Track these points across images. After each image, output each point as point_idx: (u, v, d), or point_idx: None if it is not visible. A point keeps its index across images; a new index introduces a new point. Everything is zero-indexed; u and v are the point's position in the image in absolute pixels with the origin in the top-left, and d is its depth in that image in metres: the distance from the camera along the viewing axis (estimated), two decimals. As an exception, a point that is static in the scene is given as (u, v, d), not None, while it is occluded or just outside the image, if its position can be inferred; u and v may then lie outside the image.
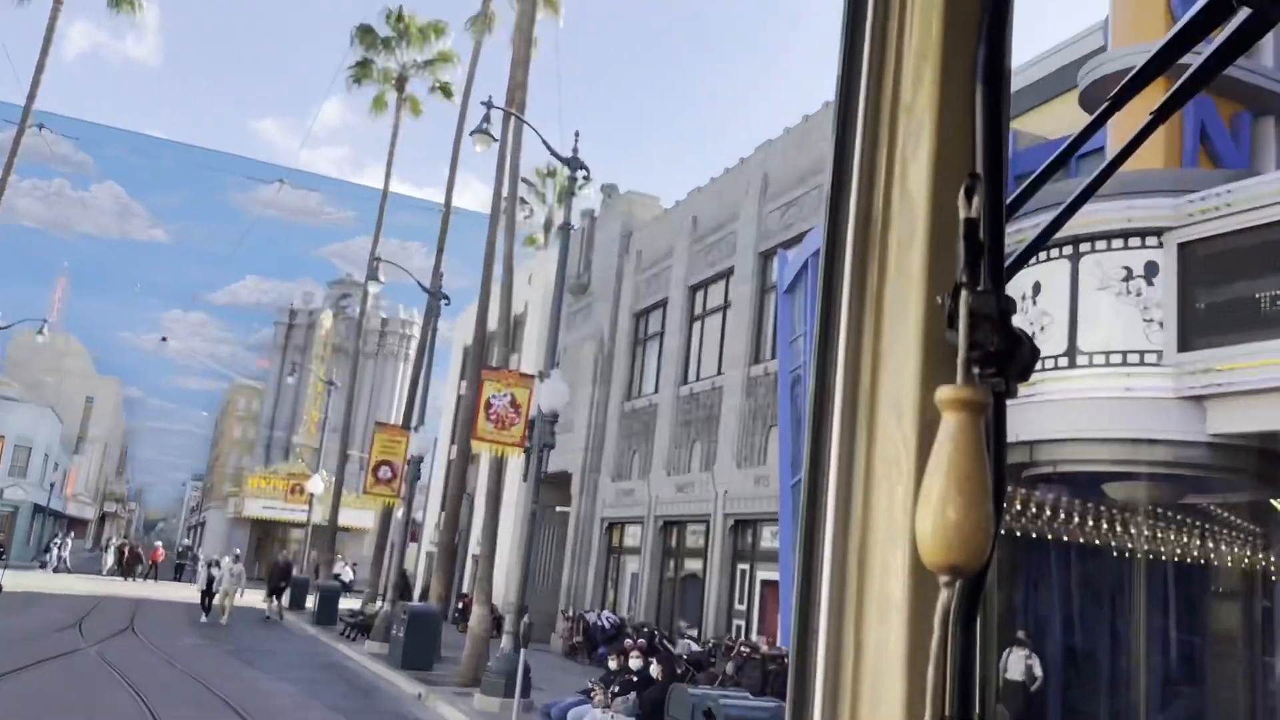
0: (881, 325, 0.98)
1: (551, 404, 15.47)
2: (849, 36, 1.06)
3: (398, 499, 26.54)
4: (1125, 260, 10.22)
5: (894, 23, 1.03)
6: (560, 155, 17.73)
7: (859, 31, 1.05)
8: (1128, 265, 10.19)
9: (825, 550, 0.97)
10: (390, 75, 34.44)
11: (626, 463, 24.77)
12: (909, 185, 0.99)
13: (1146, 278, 10.10)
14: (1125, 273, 10.20)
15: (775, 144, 21.16)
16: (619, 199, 27.81)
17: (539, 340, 28.21)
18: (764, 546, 19.10)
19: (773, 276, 19.89)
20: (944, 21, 1.00)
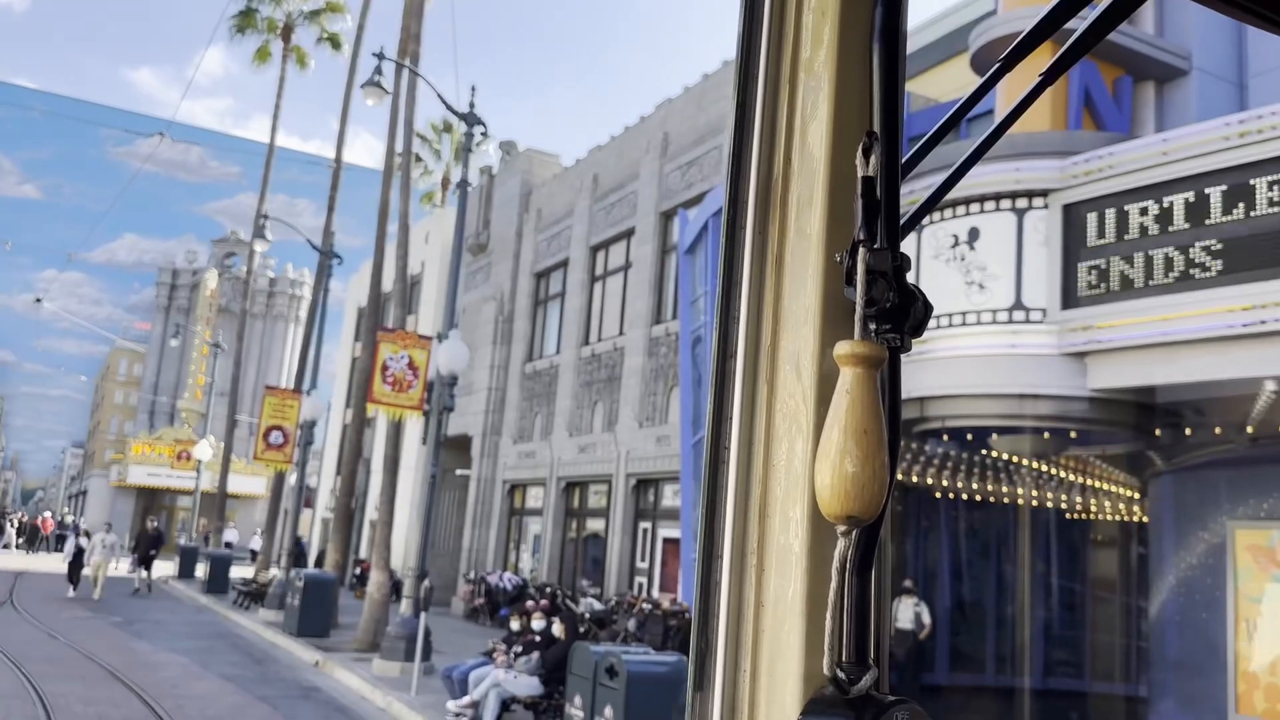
0: (782, 283, 0.99)
1: (451, 366, 15.21)
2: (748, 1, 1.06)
3: (290, 464, 25.87)
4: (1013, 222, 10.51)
5: None
6: (456, 110, 17.31)
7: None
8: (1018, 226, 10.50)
9: (728, 505, 0.98)
10: (275, 25, 33.01)
11: (528, 424, 24.63)
12: (809, 144, 0.99)
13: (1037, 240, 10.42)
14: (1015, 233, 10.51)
15: (675, 103, 21.07)
16: (518, 156, 27.37)
17: (437, 301, 27.71)
18: (665, 505, 19.28)
19: (674, 236, 19.90)
20: None
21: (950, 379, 10.95)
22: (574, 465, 22.05)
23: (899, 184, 0.92)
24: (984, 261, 10.64)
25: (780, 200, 1.01)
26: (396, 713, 11.96)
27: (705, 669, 0.97)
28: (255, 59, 33.19)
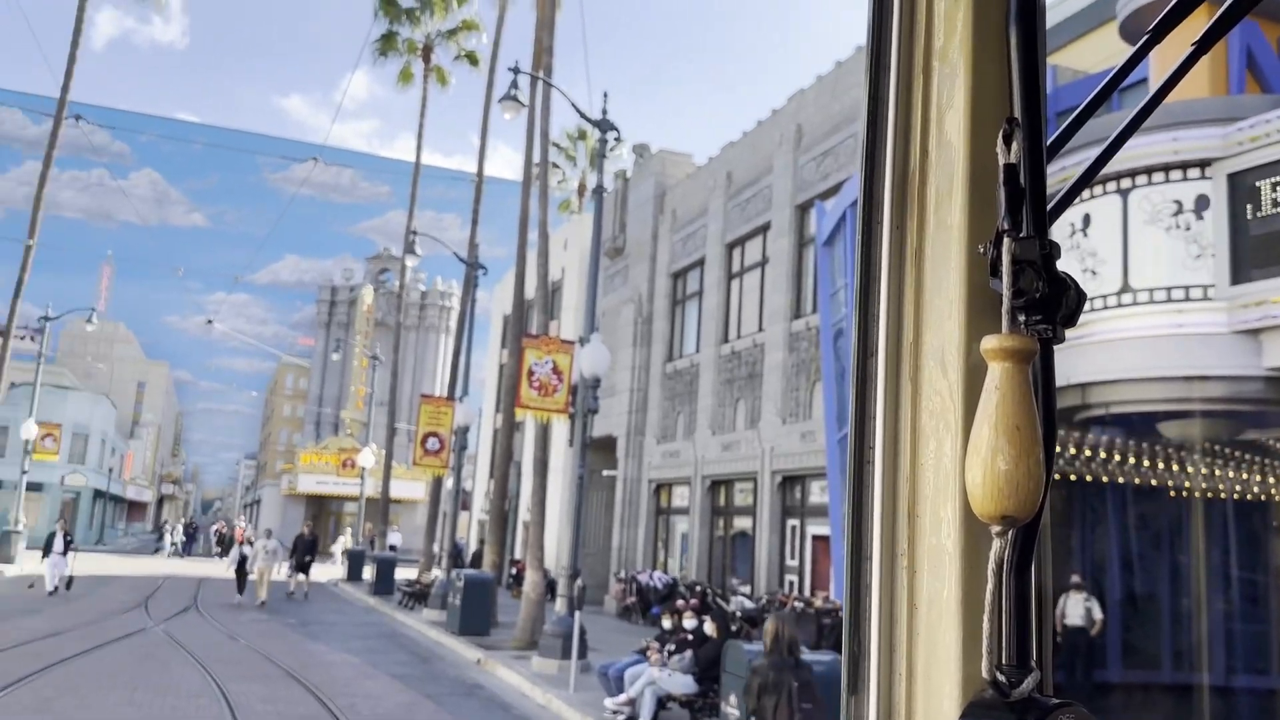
0: (923, 277, 0.97)
1: (593, 368, 15.49)
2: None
3: (446, 469, 26.85)
4: (1174, 194, 9.93)
5: None
6: (589, 117, 17.59)
7: None
8: (1177, 199, 9.91)
9: (875, 505, 0.97)
10: (415, 46, 34.34)
11: (671, 424, 24.81)
12: (946, 134, 0.97)
13: (1196, 211, 9.82)
14: (1175, 206, 9.93)
15: (808, 93, 20.81)
16: (651, 158, 27.60)
17: (577, 305, 28.24)
18: (813, 501, 19.08)
19: (811, 229, 19.67)
20: None
21: (1113, 363, 10.44)
22: (718, 463, 22.08)
23: (1044, 169, 0.89)
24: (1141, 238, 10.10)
25: (918, 193, 0.99)
26: (556, 710, 12.26)
27: (859, 672, 0.96)
28: (399, 80, 34.62)
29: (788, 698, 7.72)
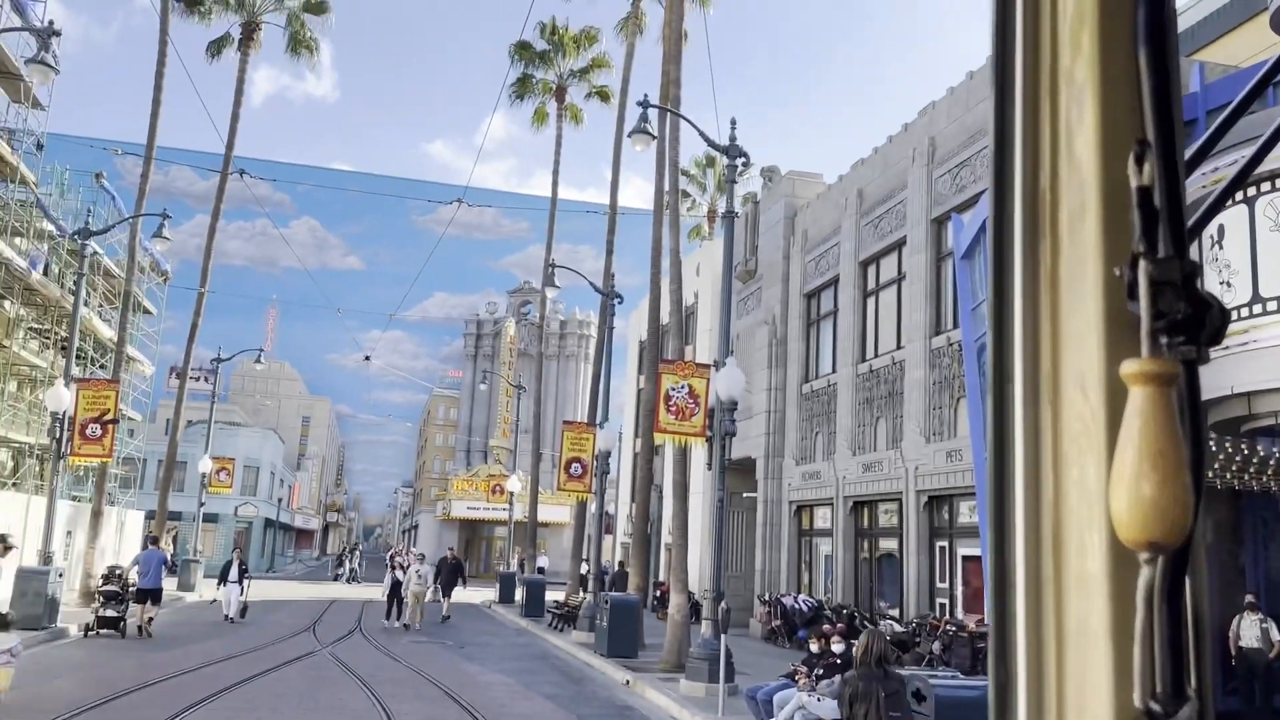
0: (1059, 299, 0.96)
1: (729, 391, 15.60)
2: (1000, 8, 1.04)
3: (590, 493, 27.36)
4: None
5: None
6: (717, 144, 17.79)
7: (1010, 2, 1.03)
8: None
9: (1017, 531, 0.95)
10: (549, 87, 35.47)
11: (809, 445, 24.59)
12: (1076, 155, 0.95)
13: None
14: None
15: (939, 105, 20.46)
16: (781, 180, 27.60)
17: (712, 329, 28.40)
18: (962, 522, 18.56)
19: (948, 243, 19.25)
20: None
21: (1278, 370, 9.87)
22: (860, 484, 21.74)
23: (1181, 188, 0.87)
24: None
25: (1050, 215, 0.97)
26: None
27: (1007, 702, 0.94)
28: (533, 121, 35.83)
29: (876, 707, 8.04)
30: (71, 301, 23.05)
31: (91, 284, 30.41)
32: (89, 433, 21.56)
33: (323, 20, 33.89)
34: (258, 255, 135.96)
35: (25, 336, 29.39)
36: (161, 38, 27.63)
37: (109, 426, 21.89)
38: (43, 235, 29.29)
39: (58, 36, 15.01)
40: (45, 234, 29.29)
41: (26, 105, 27.91)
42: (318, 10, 33.59)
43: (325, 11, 33.76)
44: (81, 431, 21.40)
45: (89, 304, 29.68)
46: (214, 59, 32.77)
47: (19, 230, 27.77)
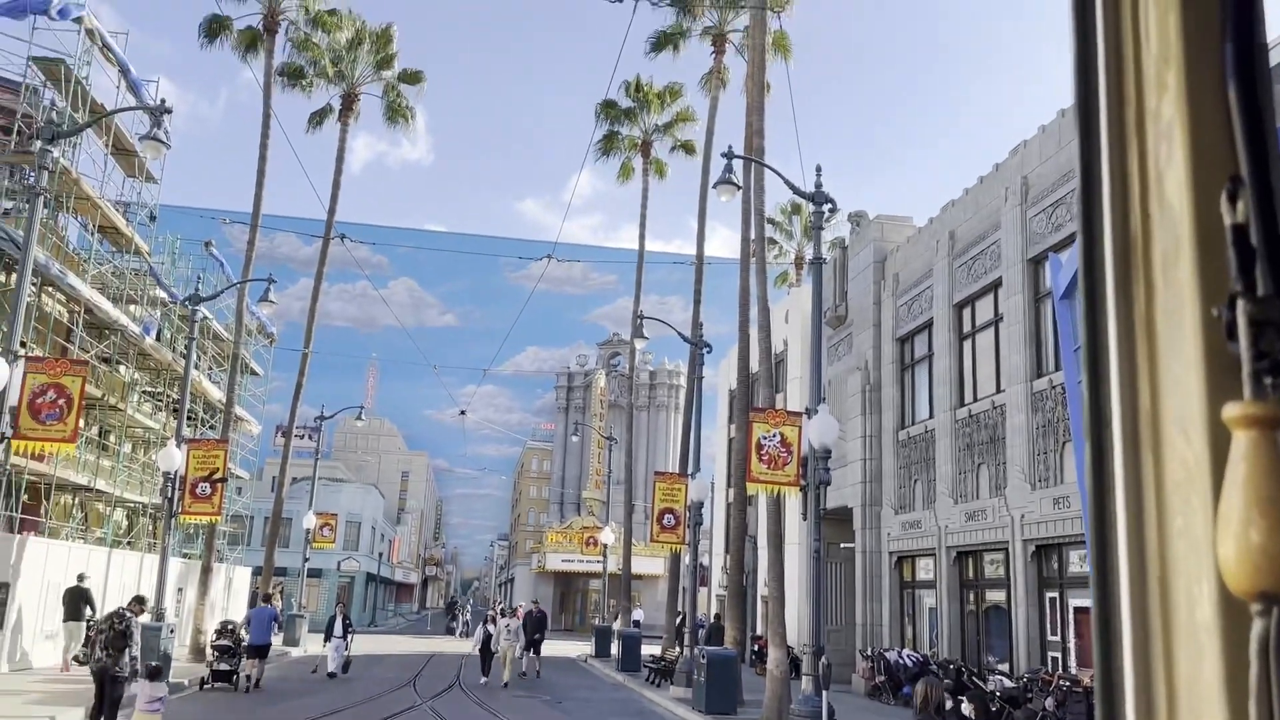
0: (1156, 344, 0.93)
1: (822, 439, 15.34)
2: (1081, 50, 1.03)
3: (683, 544, 27.13)
4: None
5: (1127, 29, 1.00)
6: (803, 191, 17.74)
7: (1091, 43, 1.03)
8: None
9: (1122, 585, 0.93)
10: (634, 142, 36.03)
11: (908, 493, 23.97)
12: (1167, 195, 0.93)
13: None
14: None
15: (1031, 143, 20.06)
16: (869, 225, 27.34)
17: (802, 376, 28.08)
18: (1073, 571, 17.79)
19: (1046, 283, 18.74)
20: (1182, 22, 0.95)
21: None
22: (963, 533, 21.06)
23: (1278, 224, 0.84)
24: None
25: (1143, 256, 0.95)
26: (804, 792, 11.95)
27: None
28: (619, 176, 36.38)
29: None
30: (182, 365, 24.10)
31: (202, 348, 31.79)
32: (199, 491, 22.35)
33: (417, 89, 35.18)
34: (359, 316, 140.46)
35: (139, 400, 30.79)
36: (265, 112, 29.02)
37: (218, 485, 22.66)
38: (155, 302, 30.80)
39: (169, 114, 15.91)
40: (158, 301, 30.79)
41: (141, 179, 29.55)
42: (413, 80, 34.89)
43: (420, 81, 35.04)
44: (192, 490, 22.20)
45: (199, 367, 30.99)
46: (315, 129, 34.25)
47: (133, 298, 29.25)
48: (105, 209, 26.28)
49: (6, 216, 22.07)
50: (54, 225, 24.32)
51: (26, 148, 21.28)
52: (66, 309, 24.93)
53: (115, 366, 28.00)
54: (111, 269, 27.99)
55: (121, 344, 27.16)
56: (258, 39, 30.41)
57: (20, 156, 22.27)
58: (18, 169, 23.13)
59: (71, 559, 20.71)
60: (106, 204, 26.46)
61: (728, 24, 30.09)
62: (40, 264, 20.50)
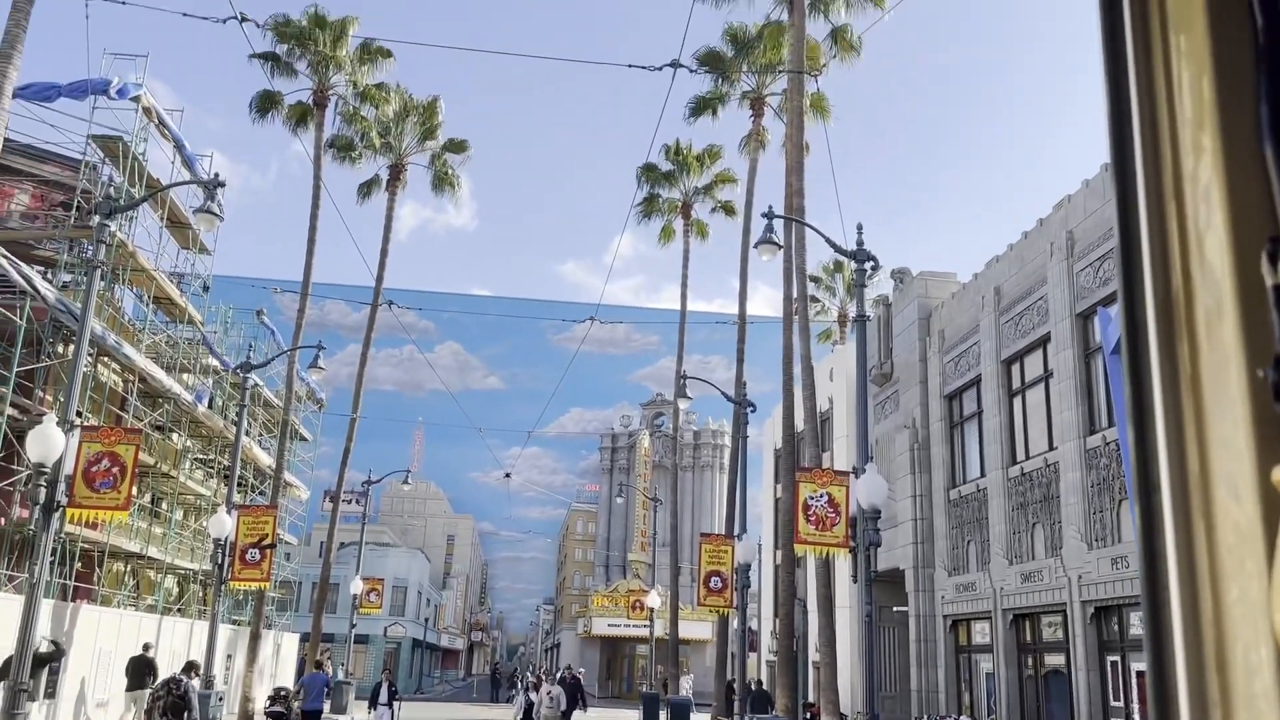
0: (1202, 405, 0.92)
1: (870, 499, 15.08)
2: (1115, 116, 1.04)
3: (731, 608, 26.69)
4: None
5: (1160, 93, 1.01)
6: (844, 249, 17.72)
7: (1125, 109, 1.04)
8: None
9: (1177, 650, 0.91)
10: (675, 205, 36.41)
11: (961, 554, 23.44)
12: (1208, 256, 0.94)
13: None
14: None
15: (1075, 198, 19.92)
16: (912, 281, 27.19)
17: (848, 435, 27.78)
18: (1135, 634, 17.19)
19: (1095, 338, 18.44)
20: (1215, 84, 0.95)
21: None
22: (1018, 595, 20.49)
23: None
24: None
25: (1185, 318, 0.95)
26: None
27: None
28: (660, 238, 36.70)
29: None
30: (234, 432, 24.46)
31: (252, 414, 32.28)
32: (248, 557, 22.51)
33: (462, 157, 35.96)
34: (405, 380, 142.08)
35: (191, 466, 31.25)
36: (315, 184, 29.80)
37: (267, 551, 22.81)
38: (208, 370, 31.41)
39: (223, 187, 16.38)
40: (210, 369, 31.40)
41: (194, 250, 30.38)
42: (458, 149, 35.69)
43: (465, 149, 35.84)
44: (241, 556, 22.36)
45: (249, 433, 31.43)
46: (364, 200, 35.07)
47: (186, 366, 29.86)
48: (160, 280, 27.00)
49: (65, 290, 22.74)
50: (111, 297, 25.00)
51: (85, 222, 22.00)
52: (121, 378, 25.51)
53: (168, 434, 28.49)
54: (165, 338, 28.65)
55: (174, 412, 27.67)
56: (308, 114, 31.35)
57: (79, 231, 23.02)
58: (76, 243, 23.89)
59: (123, 626, 20.88)
60: (161, 275, 27.20)
61: (765, 87, 30.47)
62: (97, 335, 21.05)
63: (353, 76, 32.13)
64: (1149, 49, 1.03)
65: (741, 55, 29.44)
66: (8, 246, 20.90)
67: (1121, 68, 1.04)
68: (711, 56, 29.60)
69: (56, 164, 25.05)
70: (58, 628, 18.14)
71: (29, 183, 25.22)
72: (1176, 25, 1.00)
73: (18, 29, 15.00)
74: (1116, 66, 1.04)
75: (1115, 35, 1.05)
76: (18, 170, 24.48)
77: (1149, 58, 1.03)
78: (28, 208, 25.56)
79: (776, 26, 27.57)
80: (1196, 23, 0.98)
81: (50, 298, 20.65)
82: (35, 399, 22.08)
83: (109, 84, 23.20)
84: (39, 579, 12.50)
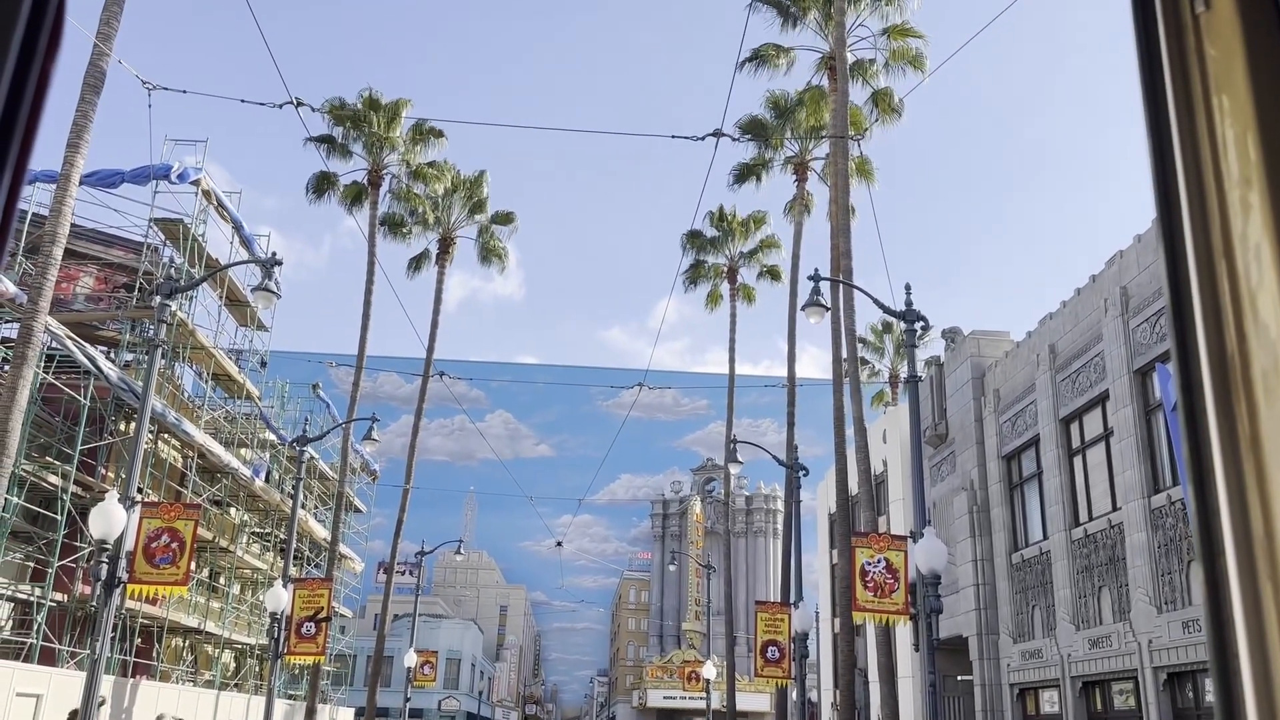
0: (1264, 465, 0.91)
1: (929, 564, 14.75)
2: (1160, 177, 1.04)
3: (789, 679, 26.07)
4: None
5: (1205, 152, 1.01)
6: (893, 310, 17.63)
7: (1170, 169, 1.04)
8: None
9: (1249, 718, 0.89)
10: (720, 271, 36.62)
11: (1026, 620, 22.73)
12: (1261, 315, 0.94)
13: None
14: None
15: (1128, 254, 19.67)
16: (964, 340, 26.90)
17: (904, 498, 27.30)
18: (1210, 701, 16.44)
19: (1155, 394, 18.04)
20: (1261, 142, 0.96)
21: None
22: (1087, 661, 19.77)
23: None
24: None
25: (1242, 377, 0.95)
26: None
27: None
28: (707, 303, 36.86)
29: None
30: (289, 505, 24.74)
31: (308, 487, 32.67)
32: (304, 631, 22.56)
33: (510, 229, 36.63)
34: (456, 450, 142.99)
35: (248, 540, 31.61)
36: (370, 260, 30.51)
37: (322, 624, 22.85)
38: (265, 445, 31.93)
39: (279, 265, 16.83)
40: (267, 443, 31.92)
41: (252, 327, 31.13)
42: (505, 221, 36.40)
43: (511, 221, 36.54)
44: (297, 630, 22.43)
45: (305, 506, 31.77)
46: (414, 273, 35.78)
47: (244, 441, 30.40)
48: (219, 357, 27.67)
49: (127, 368, 23.39)
50: (171, 374, 25.65)
51: (147, 303, 22.69)
52: (181, 454, 26.01)
53: (226, 508, 28.91)
54: (224, 414, 29.25)
55: (232, 486, 28.10)
56: (363, 193, 32.26)
57: (141, 312, 23.74)
58: (139, 323, 24.63)
59: (181, 702, 20.97)
60: (220, 353, 27.88)
61: (808, 153, 30.74)
62: (158, 413, 21.54)
63: (406, 155, 33.06)
64: (1191, 110, 1.03)
65: (783, 121, 29.79)
66: (73, 328, 21.60)
67: (1165, 129, 1.04)
68: (754, 124, 29.99)
69: (120, 247, 25.99)
70: (118, 703, 18.28)
71: (94, 265, 26.16)
72: (1219, 86, 1.00)
73: (85, 120, 15.70)
74: (1160, 127, 1.05)
75: (1157, 97, 1.05)
76: (83, 254, 25.42)
77: (1192, 118, 1.02)
78: (92, 290, 26.46)
79: (817, 91, 27.91)
80: (1239, 83, 0.98)
81: (113, 376, 21.23)
82: (98, 476, 22.58)
83: (170, 169, 24.13)
84: (100, 655, 12.65)
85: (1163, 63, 1.05)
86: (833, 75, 24.80)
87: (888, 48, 26.31)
